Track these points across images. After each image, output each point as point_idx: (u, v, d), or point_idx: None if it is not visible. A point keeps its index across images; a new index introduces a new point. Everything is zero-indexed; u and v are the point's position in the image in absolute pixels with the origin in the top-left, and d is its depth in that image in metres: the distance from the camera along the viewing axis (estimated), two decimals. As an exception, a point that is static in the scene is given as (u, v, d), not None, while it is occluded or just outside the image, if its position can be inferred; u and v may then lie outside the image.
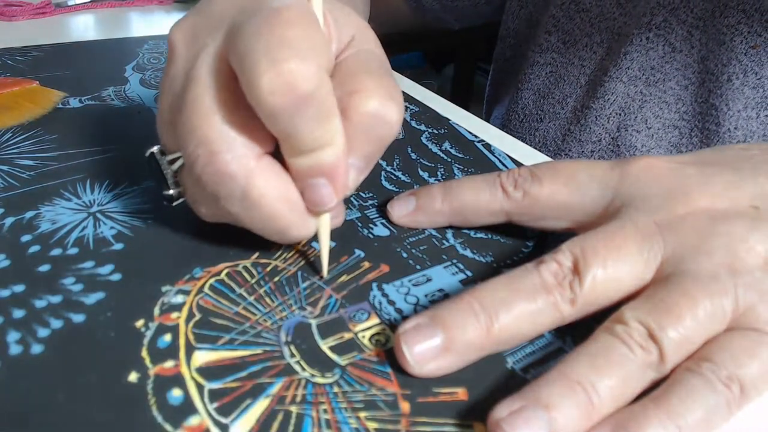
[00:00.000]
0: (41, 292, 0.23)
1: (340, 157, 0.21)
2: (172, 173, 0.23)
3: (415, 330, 0.20)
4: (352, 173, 0.23)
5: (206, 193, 0.22)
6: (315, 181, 0.22)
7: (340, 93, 0.22)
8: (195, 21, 0.23)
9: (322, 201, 0.22)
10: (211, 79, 0.21)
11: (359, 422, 0.18)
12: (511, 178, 0.26)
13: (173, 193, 0.24)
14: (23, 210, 0.27)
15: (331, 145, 0.21)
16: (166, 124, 0.23)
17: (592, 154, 0.49)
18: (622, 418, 0.18)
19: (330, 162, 0.21)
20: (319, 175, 0.21)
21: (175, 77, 0.23)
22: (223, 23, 0.22)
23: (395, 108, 0.22)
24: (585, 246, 0.21)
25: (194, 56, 0.22)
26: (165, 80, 0.23)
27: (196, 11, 0.23)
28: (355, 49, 0.24)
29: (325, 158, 0.21)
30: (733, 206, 0.22)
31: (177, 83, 0.22)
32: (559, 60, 0.50)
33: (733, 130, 0.42)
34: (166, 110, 0.23)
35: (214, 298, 0.23)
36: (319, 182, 0.22)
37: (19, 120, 0.36)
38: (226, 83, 0.21)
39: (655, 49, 0.44)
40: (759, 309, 0.19)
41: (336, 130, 0.21)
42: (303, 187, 0.22)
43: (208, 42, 0.22)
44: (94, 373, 0.19)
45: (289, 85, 0.19)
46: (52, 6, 0.62)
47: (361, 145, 0.22)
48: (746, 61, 0.40)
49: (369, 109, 0.22)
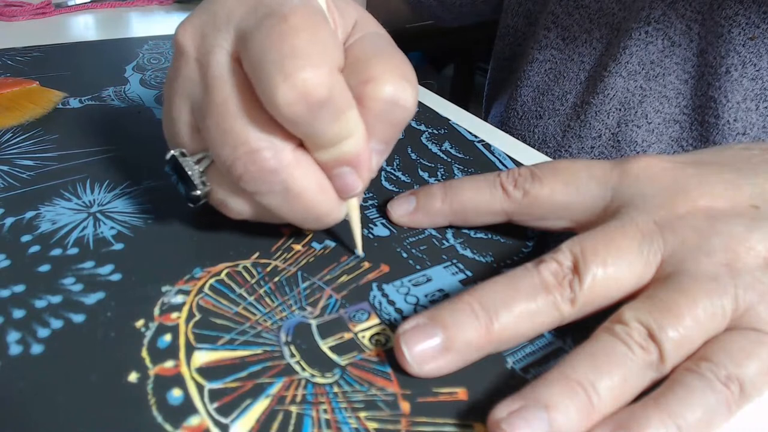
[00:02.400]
0: (41, 292, 0.23)
1: (361, 145, 0.22)
2: (198, 173, 0.23)
3: (414, 330, 0.20)
4: (375, 157, 0.24)
5: (243, 191, 0.22)
6: (341, 170, 0.23)
7: (355, 81, 0.22)
8: (202, 21, 0.23)
9: (350, 187, 0.23)
10: (233, 81, 0.21)
11: (359, 422, 0.18)
12: (511, 178, 0.26)
13: (201, 193, 0.24)
14: (23, 210, 0.27)
15: (351, 136, 0.22)
16: (186, 127, 0.23)
17: (592, 150, 0.49)
18: (622, 418, 0.17)
19: (352, 152, 0.22)
20: (344, 165, 0.22)
21: (188, 79, 0.23)
22: (231, 23, 0.22)
23: (410, 90, 0.23)
24: (585, 245, 0.21)
25: (206, 57, 0.22)
26: (176, 82, 0.23)
27: (201, 11, 0.23)
28: (361, 33, 0.24)
29: (346, 150, 0.22)
30: (733, 206, 0.22)
31: (193, 85, 0.22)
32: (558, 56, 0.50)
33: (732, 122, 0.42)
34: (184, 113, 0.23)
35: (214, 298, 0.23)
36: (345, 171, 0.23)
37: (19, 120, 0.36)
38: (248, 84, 0.21)
39: (655, 44, 0.44)
40: (759, 309, 0.19)
41: (354, 122, 0.22)
42: (330, 176, 0.23)
43: (218, 43, 0.22)
44: (94, 373, 0.19)
45: (304, 95, 0.19)
46: (52, 6, 0.62)
47: (380, 130, 0.23)
48: (744, 52, 0.40)
49: (384, 95, 0.22)
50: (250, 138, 0.21)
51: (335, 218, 0.24)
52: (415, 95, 0.23)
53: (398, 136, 0.24)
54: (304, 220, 0.24)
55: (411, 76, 0.23)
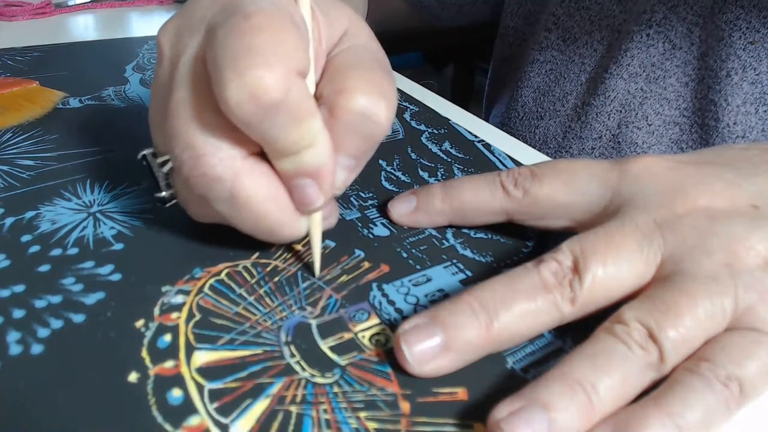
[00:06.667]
0: (41, 292, 0.23)
1: (324, 157, 0.21)
2: (163, 175, 0.23)
3: (414, 330, 0.20)
4: (342, 173, 0.23)
5: (195, 195, 0.22)
6: (300, 181, 0.21)
7: (329, 91, 0.22)
8: (178, 22, 0.23)
9: (308, 201, 0.22)
10: (192, 82, 0.21)
11: (359, 422, 0.18)
12: (511, 177, 0.26)
13: (166, 194, 0.24)
14: (23, 210, 0.27)
15: (311, 146, 0.21)
16: (156, 127, 0.23)
17: (592, 151, 0.49)
18: (622, 418, 0.17)
19: (313, 163, 0.21)
20: (304, 176, 0.21)
21: (161, 79, 0.23)
22: (203, 24, 0.21)
23: (384, 105, 0.22)
24: (585, 245, 0.21)
25: (177, 58, 0.22)
26: (154, 82, 0.23)
27: (181, 12, 0.23)
28: (348, 44, 0.24)
29: (307, 160, 0.21)
30: (733, 205, 0.22)
31: (162, 86, 0.22)
32: (559, 57, 0.50)
33: (732, 125, 0.42)
34: (155, 113, 0.23)
35: (214, 298, 0.23)
36: (305, 182, 0.21)
37: (19, 120, 0.36)
38: (208, 86, 0.20)
39: (655, 46, 0.44)
40: (759, 309, 0.19)
41: (315, 131, 0.21)
42: (289, 187, 0.22)
43: (190, 44, 0.22)
44: (94, 373, 0.19)
45: (254, 94, 0.19)
46: (52, 6, 0.62)
47: (350, 143, 0.22)
48: (745, 56, 0.40)
49: (356, 107, 0.21)
50: (196, 142, 0.20)
51: (291, 233, 0.23)
52: (390, 112, 0.22)
53: (371, 153, 0.23)
54: (256, 231, 0.23)
55: (388, 93, 0.22)
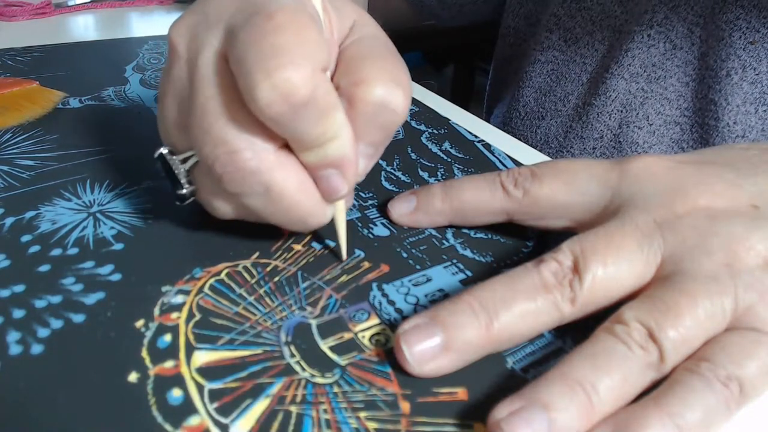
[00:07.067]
0: (41, 292, 0.23)
1: (347, 148, 0.22)
2: (184, 172, 0.24)
3: (414, 330, 0.20)
4: (362, 160, 0.23)
5: (225, 191, 0.22)
6: (326, 172, 0.22)
7: (346, 82, 0.22)
8: (194, 20, 0.23)
9: (334, 190, 0.23)
10: (217, 79, 0.21)
11: (359, 422, 0.18)
12: (511, 177, 0.26)
13: (186, 191, 0.24)
14: (23, 210, 0.27)
15: (336, 138, 0.21)
16: (174, 126, 0.23)
17: (594, 151, 0.49)
18: (622, 418, 0.17)
19: (338, 154, 0.22)
20: (329, 167, 0.22)
21: (178, 78, 0.23)
22: (221, 22, 0.22)
23: (401, 94, 0.22)
24: (585, 245, 0.21)
25: (195, 56, 0.22)
26: (167, 81, 0.23)
27: (194, 10, 0.23)
28: (358, 34, 0.24)
29: (332, 151, 0.22)
30: (733, 205, 0.22)
31: (182, 84, 0.22)
32: (560, 58, 0.50)
33: (732, 125, 0.42)
34: (173, 112, 0.23)
35: (214, 298, 0.23)
36: (330, 173, 0.22)
37: (19, 120, 0.36)
38: (233, 82, 0.21)
39: (656, 47, 0.44)
40: (759, 309, 0.19)
41: (339, 124, 0.21)
42: (315, 178, 0.23)
43: (208, 42, 0.22)
44: (94, 373, 0.19)
45: (284, 94, 0.19)
46: (52, 6, 0.62)
47: (369, 133, 0.23)
48: (745, 56, 0.40)
49: (374, 98, 0.22)
50: (229, 138, 0.21)
51: (319, 220, 0.23)
52: (407, 99, 0.23)
53: (388, 140, 0.24)
54: (287, 222, 0.23)
55: (404, 80, 0.23)
